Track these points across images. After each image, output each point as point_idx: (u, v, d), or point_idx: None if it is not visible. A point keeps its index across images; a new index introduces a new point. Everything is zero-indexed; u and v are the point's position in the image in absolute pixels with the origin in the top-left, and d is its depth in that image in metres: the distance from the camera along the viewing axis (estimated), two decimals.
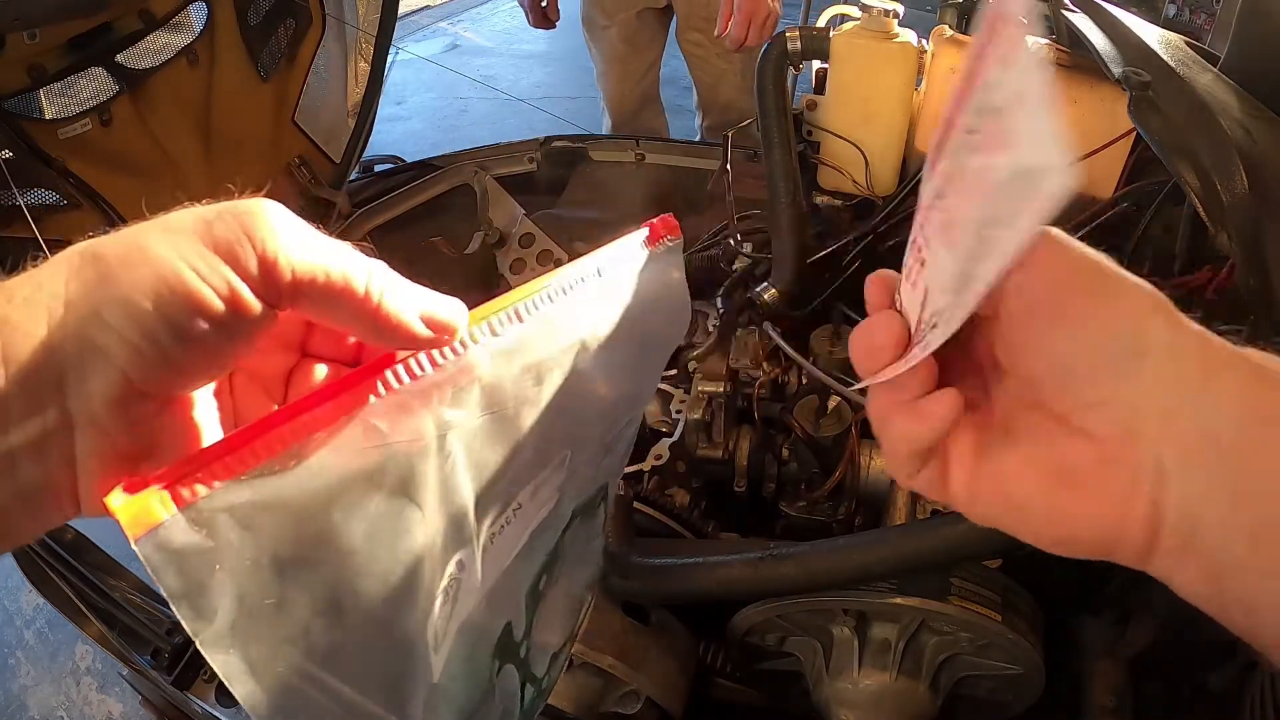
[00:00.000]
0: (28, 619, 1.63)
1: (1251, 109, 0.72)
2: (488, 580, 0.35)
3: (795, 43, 0.99)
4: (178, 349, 0.21)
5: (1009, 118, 0.23)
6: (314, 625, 0.25)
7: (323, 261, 0.23)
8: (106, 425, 0.21)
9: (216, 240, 0.21)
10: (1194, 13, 2.73)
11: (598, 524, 0.52)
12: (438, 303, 0.26)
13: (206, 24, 1.24)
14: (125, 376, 0.21)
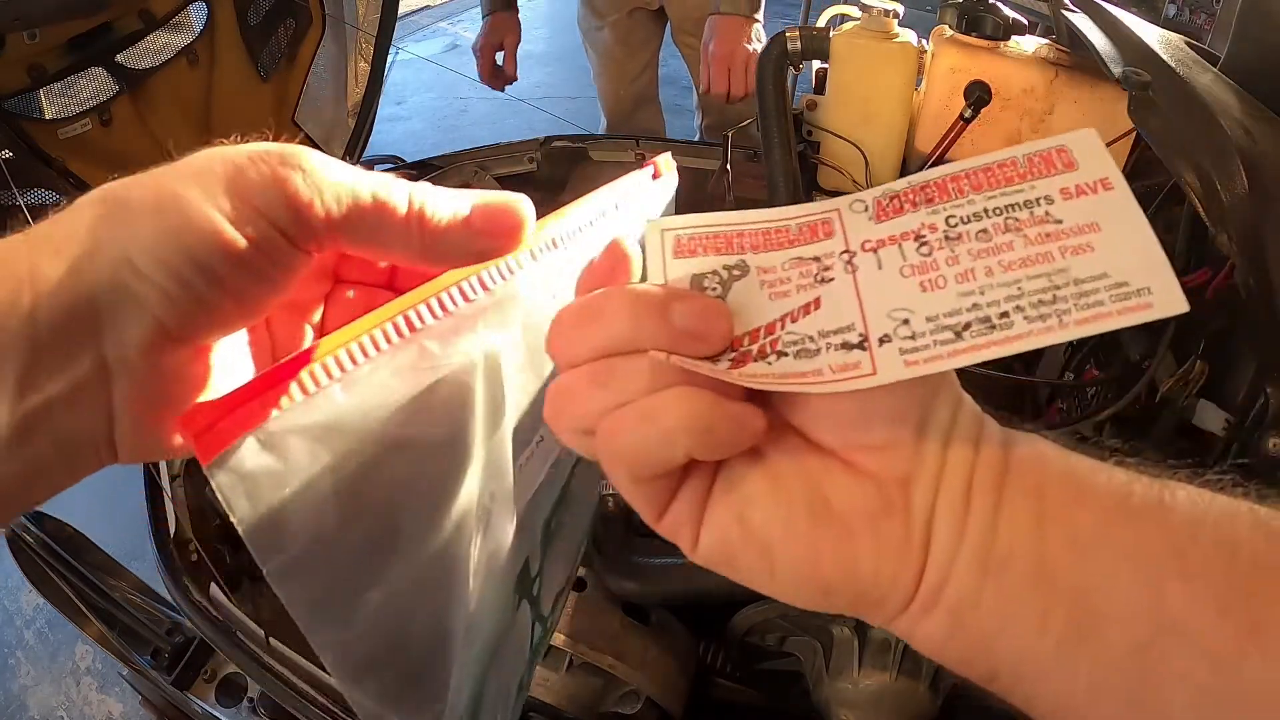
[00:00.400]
0: (28, 619, 1.63)
1: (1251, 109, 0.72)
2: (516, 513, 0.35)
3: (795, 43, 0.99)
4: (213, 295, 0.21)
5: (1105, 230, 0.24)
6: (373, 552, 0.25)
7: (358, 189, 0.22)
8: (142, 372, 0.21)
9: (249, 184, 0.21)
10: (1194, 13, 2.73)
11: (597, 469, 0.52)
12: (489, 196, 0.25)
13: (206, 24, 1.24)
14: (160, 324, 0.20)
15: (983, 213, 0.25)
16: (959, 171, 0.26)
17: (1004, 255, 0.24)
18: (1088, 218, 0.24)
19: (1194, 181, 0.61)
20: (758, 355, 0.25)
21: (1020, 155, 0.26)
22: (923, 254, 0.25)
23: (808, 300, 0.25)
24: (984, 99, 0.94)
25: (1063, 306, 0.23)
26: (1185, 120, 0.66)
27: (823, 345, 0.24)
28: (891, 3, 0.97)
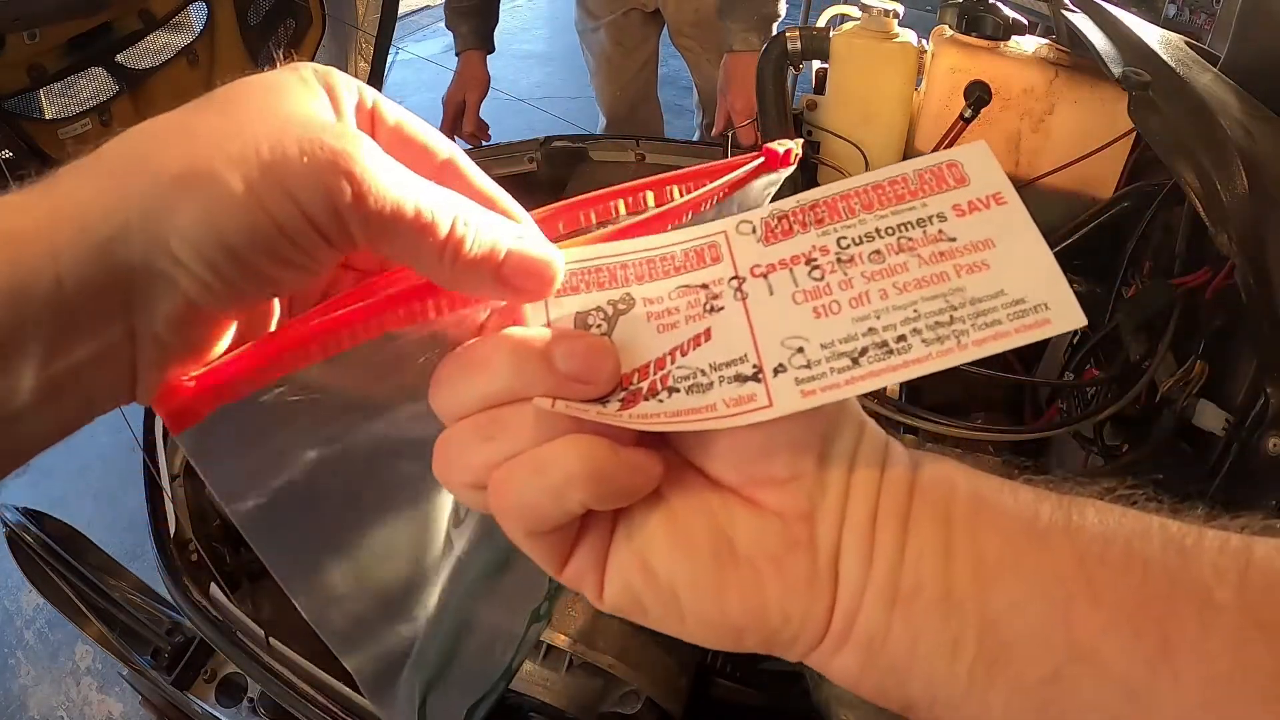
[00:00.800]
0: (28, 619, 1.63)
1: (1251, 109, 0.72)
2: None
3: (795, 43, 0.99)
4: (245, 280, 0.21)
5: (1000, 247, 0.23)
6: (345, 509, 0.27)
7: (404, 201, 0.21)
8: (168, 341, 0.21)
9: (294, 177, 0.20)
10: (1194, 13, 2.73)
11: None
12: (531, 245, 0.23)
13: (206, 24, 1.24)
14: (190, 301, 0.20)
15: (875, 233, 0.24)
16: (849, 190, 0.25)
17: (898, 277, 0.24)
18: (981, 234, 0.24)
19: (1194, 181, 0.61)
20: (648, 393, 0.24)
21: (910, 171, 0.25)
22: (815, 278, 0.24)
23: (697, 332, 0.24)
24: (984, 99, 0.94)
25: (960, 327, 0.22)
26: (1185, 120, 0.66)
27: (715, 379, 0.24)
28: (891, 3, 0.97)
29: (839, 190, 0.25)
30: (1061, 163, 0.94)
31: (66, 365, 0.20)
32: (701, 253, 0.26)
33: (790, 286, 0.24)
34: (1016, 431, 0.82)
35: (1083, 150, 0.91)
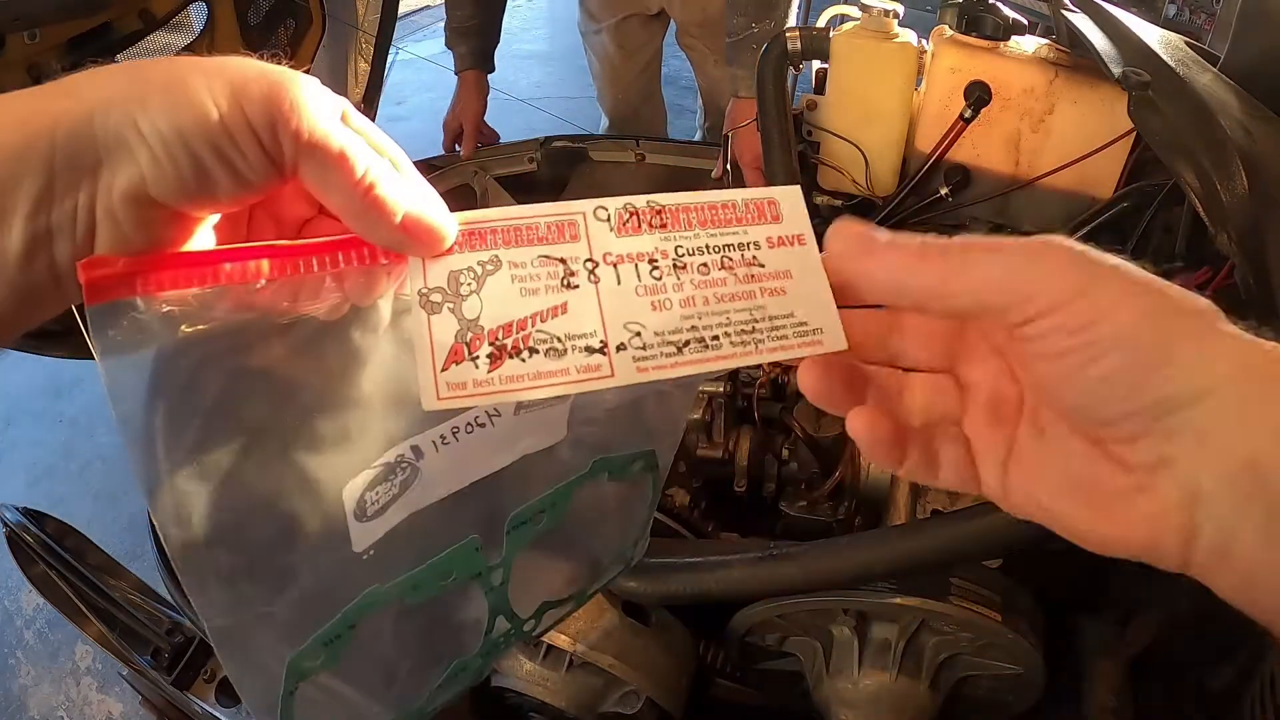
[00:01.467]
0: (28, 619, 1.63)
1: (1251, 109, 0.72)
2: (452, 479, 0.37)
3: (795, 43, 0.99)
4: (190, 171, 0.24)
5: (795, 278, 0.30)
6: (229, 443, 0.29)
7: (330, 135, 0.26)
8: (121, 218, 0.25)
9: (247, 92, 0.24)
10: (1194, 13, 2.73)
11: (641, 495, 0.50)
12: (428, 208, 0.27)
13: (206, 24, 1.24)
14: (143, 178, 0.24)
15: (705, 249, 0.30)
16: (690, 204, 0.31)
17: (718, 289, 0.29)
18: (784, 265, 0.30)
19: (1194, 181, 0.61)
20: (512, 350, 0.28)
21: (740, 200, 0.31)
22: (654, 277, 0.29)
23: (555, 304, 0.28)
24: (984, 99, 0.94)
25: (759, 336, 0.29)
26: (1185, 120, 0.66)
27: (569, 347, 0.28)
28: (891, 3, 0.97)
29: (681, 202, 0.31)
30: (1061, 163, 0.94)
31: (46, 224, 0.24)
32: (562, 228, 0.30)
33: (634, 280, 0.29)
34: None
35: (1083, 150, 0.91)
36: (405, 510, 0.35)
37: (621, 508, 0.50)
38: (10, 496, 1.48)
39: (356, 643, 0.37)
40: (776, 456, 0.94)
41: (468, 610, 0.43)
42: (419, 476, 0.35)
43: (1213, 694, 0.70)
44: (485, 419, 0.37)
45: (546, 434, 0.40)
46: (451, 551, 0.39)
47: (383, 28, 1.42)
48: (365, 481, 0.33)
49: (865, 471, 0.89)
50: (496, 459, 0.38)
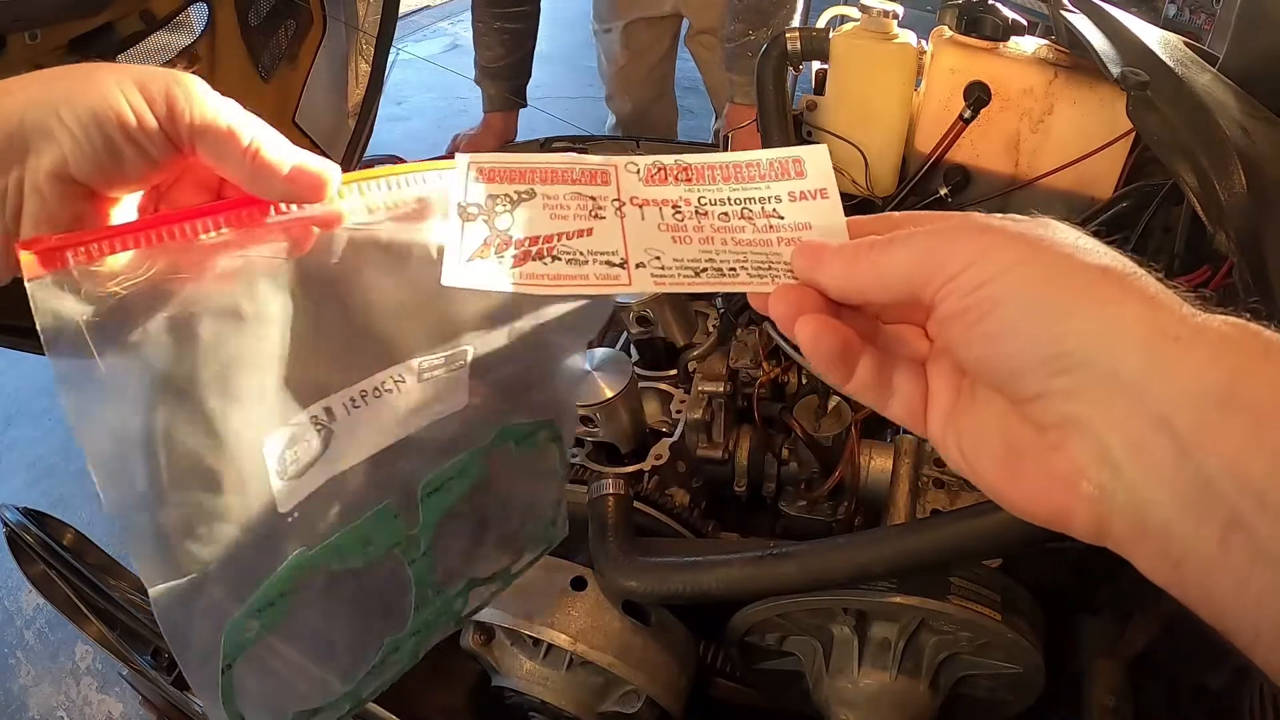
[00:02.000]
0: (28, 619, 1.63)
1: (1250, 109, 0.72)
2: (365, 443, 0.39)
3: (795, 43, 0.99)
4: (104, 153, 0.30)
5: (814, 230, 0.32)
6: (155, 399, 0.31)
7: (218, 116, 0.31)
8: (47, 195, 0.30)
9: (148, 88, 0.30)
10: (1194, 13, 2.73)
11: (549, 469, 0.53)
12: (310, 159, 0.32)
13: (207, 25, 1.24)
14: (64, 160, 0.29)
15: (727, 200, 0.33)
16: (716, 163, 0.33)
17: (737, 235, 0.32)
18: (804, 219, 0.32)
19: (1192, 181, 0.62)
20: (536, 256, 0.31)
21: (764, 159, 0.33)
22: (676, 219, 0.32)
23: (582, 228, 0.32)
24: (983, 99, 0.94)
25: (774, 273, 0.31)
26: (1184, 120, 0.66)
27: (590, 259, 0.31)
28: (891, 3, 0.97)
29: (708, 161, 0.33)
30: (1061, 163, 0.94)
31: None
32: (595, 174, 0.33)
33: (657, 219, 0.32)
34: None
35: (1082, 150, 0.92)
36: (324, 473, 0.38)
37: (531, 481, 0.53)
38: (10, 496, 1.48)
39: (290, 614, 0.39)
40: (776, 456, 0.94)
41: (394, 583, 0.45)
42: (334, 439, 0.37)
43: (1213, 694, 0.70)
44: (392, 385, 0.39)
45: (451, 402, 0.43)
46: (370, 517, 0.41)
47: (383, 28, 1.42)
48: (284, 439, 0.35)
49: (865, 471, 0.89)
50: (405, 424, 0.41)
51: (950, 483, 0.87)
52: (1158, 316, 0.24)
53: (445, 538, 0.46)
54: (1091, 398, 0.24)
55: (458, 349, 0.41)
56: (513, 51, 1.63)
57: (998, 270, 0.26)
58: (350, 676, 0.45)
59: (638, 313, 0.99)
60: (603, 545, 0.78)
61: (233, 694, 0.38)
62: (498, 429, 0.46)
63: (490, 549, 0.52)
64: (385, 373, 0.39)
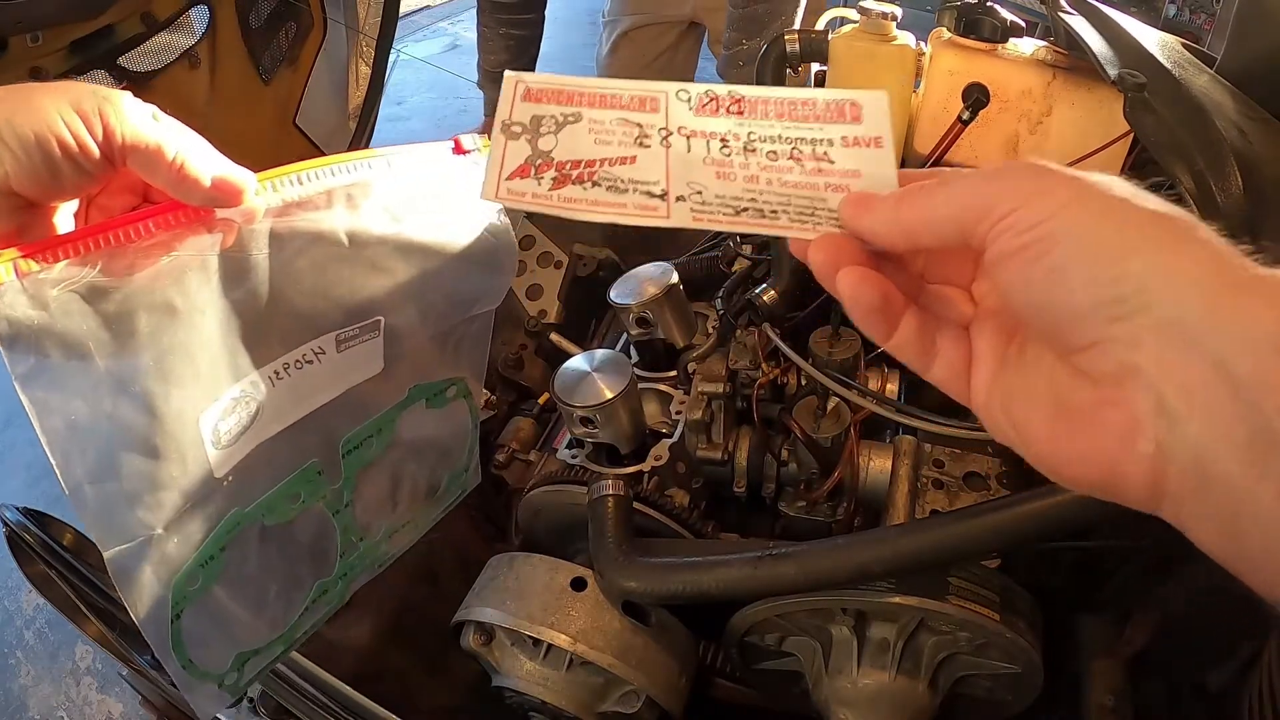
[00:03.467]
0: (28, 619, 1.63)
1: (1247, 110, 0.72)
2: (289, 410, 0.43)
3: (794, 45, 0.99)
4: (44, 170, 0.33)
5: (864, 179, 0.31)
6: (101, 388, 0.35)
7: (147, 134, 0.34)
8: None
9: (82, 108, 0.33)
10: (1194, 13, 2.73)
11: (461, 422, 0.58)
12: (229, 169, 0.36)
13: (208, 27, 1.25)
14: (7, 175, 0.32)
15: (778, 138, 0.31)
16: (770, 97, 0.32)
17: (784, 175, 0.31)
18: (854, 165, 0.31)
19: (1189, 182, 0.62)
20: (576, 180, 0.31)
21: (821, 99, 0.32)
22: (724, 154, 0.31)
23: (626, 155, 0.32)
24: (982, 101, 0.94)
25: (817, 219, 0.31)
26: (1181, 121, 0.66)
27: (630, 188, 0.31)
28: (890, 5, 0.98)
29: (762, 95, 0.32)
30: (1060, 164, 0.94)
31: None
32: (644, 100, 0.32)
33: (703, 152, 0.32)
34: None
35: (1081, 152, 0.92)
36: (254, 439, 0.42)
37: (444, 433, 0.57)
38: (10, 496, 1.48)
39: (229, 566, 0.43)
40: (776, 457, 0.94)
41: (321, 532, 0.50)
42: (262, 408, 0.41)
43: (1212, 694, 0.70)
44: (313, 356, 0.43)
45: (367, 367, 0.47)
46: (297, 475, 0.46)
47: (383, 30, 1.43)
48: (217, 413, 0.39)
49: (864, 472, 0.89)
50: (326, 391, 0.45)
51: (949, 483, 0.87)
52: (1217, 263, 0.23)
53: (365, 489, 0.52)
54: (1149, 344, 0.23)
55: (372, 319, 0.46)
56: (517, 57, 1.63)
57: (1055, 207, 0.25)
58: (285, 619, 0.50)
59: (637, 314, 0.99)
60: (603, 546, 0.78)
61: (182, 641, 0.42)
62: (410, 388, 0.51)
63: (407, 497, 0.57)
64: (306, 346, 0.43)
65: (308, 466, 0.47)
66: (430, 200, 0.45)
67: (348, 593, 0.56)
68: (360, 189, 0.42)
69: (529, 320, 1.34)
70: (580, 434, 0.91)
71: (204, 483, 0.40)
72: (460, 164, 0.46)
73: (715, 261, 1.13)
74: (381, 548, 0.57)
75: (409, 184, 0.44)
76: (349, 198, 0.42)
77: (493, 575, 0.84)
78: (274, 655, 0.51)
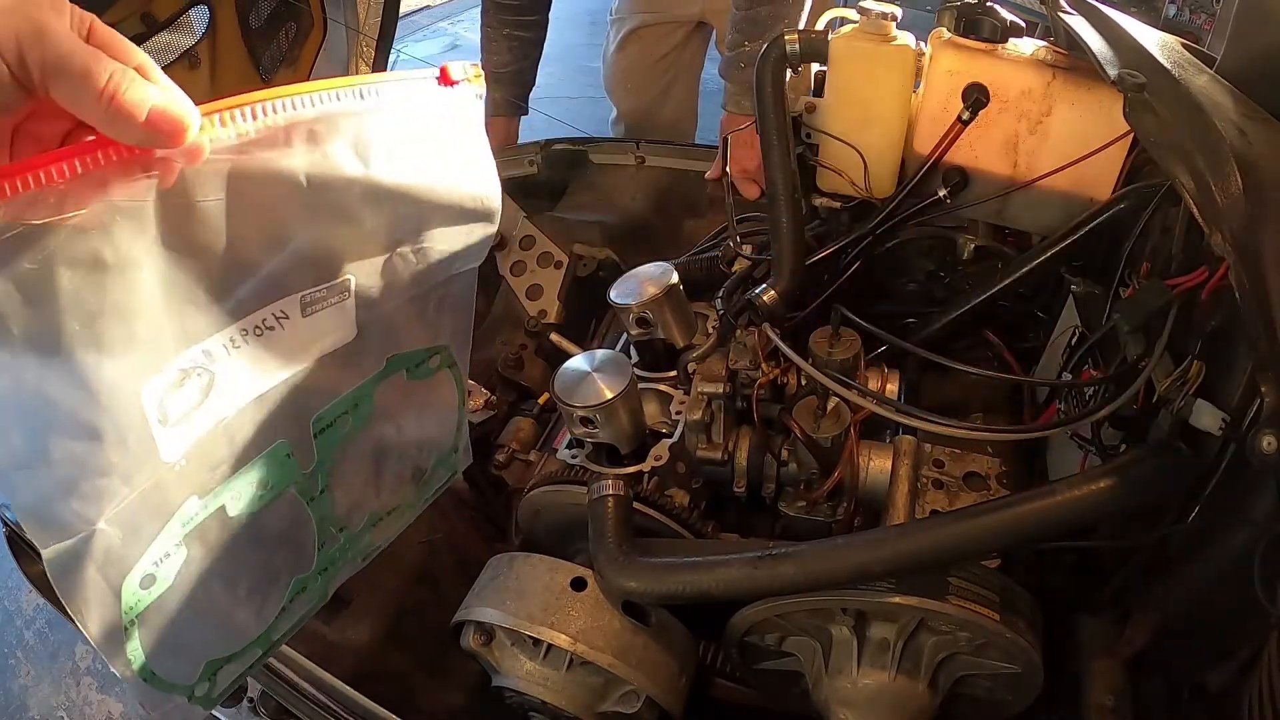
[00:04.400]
0: (28, 619, 1.64)
1: (1247, 110, 0.72)
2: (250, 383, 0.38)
3: (794, 45, 1.00)
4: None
5: None
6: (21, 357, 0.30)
7: (72, 56, 0.29)
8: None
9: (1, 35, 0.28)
10: (1194, 13, 2.73)
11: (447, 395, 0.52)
12: (170, 100, 0.31)
13: (208, 27, 1.25)
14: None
15: None
16: None
17: None
18: None
19: (1189, 182, 0.62)
20: None
21: None
22: None
23: None
24: (982, 101, 0.94)
25: None
26: (1180, 121, 0.66)
27: None
28: (890, 5, 0.98)
29: None
30: (1059, 164, 0.94)
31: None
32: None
33: None
34: (1015, 431, 0.82)
35: (1081, 152, 0.92)
36: (211, 417, 0.36)
37: (428, 407, 0.51)
38: None
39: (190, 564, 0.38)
40: (776, 457, 0.94)
41: (295, 522, 0.44)
42: (217, 380, 0.36)
43: (1212, 694, 0.70)
44: (274, 322, 0.38)
45: (338, 334, 0.42)
46: (263, 458, 0.40)
47: (383, 31, 1.43)
48: (164, 386, 0.34)
49: (864, 472, 0.89)
50: (292, 361, 0.40)
51: (949, 483, 0.87)
52: None
53: (343, 474, 0.46)
54: None
55: (340, 279, 0.40)
56: (520, 59, 1.64)
57: None
58: (261, 620, 0.44)
59: (637, 314, 0.99)
60: (603, 546, 0.79)
61: (140, 652, 0.37)
62: (388, 358, 0.45)
63: (391, 482, 0.51)
64: (267, 309, 0.37)
65: (275, 448, 0.41)
66: (407, 138, 0.39)
67: (329, 589, 0.50)
68: (326, 124, 0.36)
69: (529, 320, 1.34)
70: (580, 434, 0.91)
71: (151, 468, 0.35)
72: (445, 96, 0.40)
73: (715, 261, 1.14)
74: (365, 539, 0.51)
75: (384, 120, 0.38)
76: (311, 134, 0.35)
77: (493, 575, 0.84)
78: (250, 661, 0.45)
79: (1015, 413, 1.01)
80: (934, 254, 1.11)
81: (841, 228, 1.09)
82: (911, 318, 1.06)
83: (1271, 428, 0.52)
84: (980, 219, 1.05)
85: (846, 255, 1.05)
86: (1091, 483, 0.65)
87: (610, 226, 1.47)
